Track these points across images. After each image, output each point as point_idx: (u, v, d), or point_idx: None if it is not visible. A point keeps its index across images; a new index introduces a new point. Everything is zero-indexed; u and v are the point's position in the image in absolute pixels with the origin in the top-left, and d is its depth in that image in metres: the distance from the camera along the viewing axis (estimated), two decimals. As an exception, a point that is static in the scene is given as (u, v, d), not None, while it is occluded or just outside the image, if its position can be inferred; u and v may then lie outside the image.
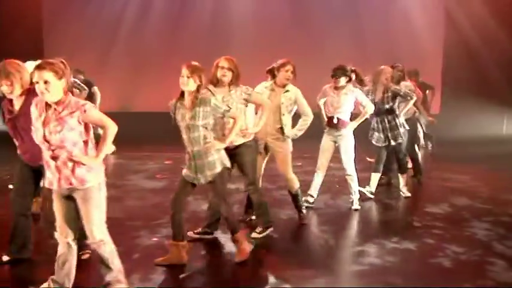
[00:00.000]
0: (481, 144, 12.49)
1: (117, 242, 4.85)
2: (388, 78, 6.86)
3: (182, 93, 4.44)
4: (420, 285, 4.30)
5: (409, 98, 6.92)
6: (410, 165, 8.16)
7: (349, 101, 6.36)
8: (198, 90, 4.38)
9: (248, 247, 4.76)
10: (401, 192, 7.24)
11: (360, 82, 6.52)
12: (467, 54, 13.49)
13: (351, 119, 6.50)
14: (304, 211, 6.00)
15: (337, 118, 6.34)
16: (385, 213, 6.56)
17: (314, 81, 6.93)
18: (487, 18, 13.20)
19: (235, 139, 4.89)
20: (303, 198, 6.18)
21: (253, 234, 5.33)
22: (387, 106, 6.89)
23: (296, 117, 5.84)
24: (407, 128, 7.22)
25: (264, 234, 5.38)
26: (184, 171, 4.56)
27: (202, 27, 13.64)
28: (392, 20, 13.73)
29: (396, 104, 6.94)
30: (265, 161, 5.83)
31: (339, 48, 12.96)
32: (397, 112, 7.00)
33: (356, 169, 6.61)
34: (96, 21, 13.68)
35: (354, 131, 6.46)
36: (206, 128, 4.42)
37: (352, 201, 6.59)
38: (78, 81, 9.50)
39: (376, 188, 7.20)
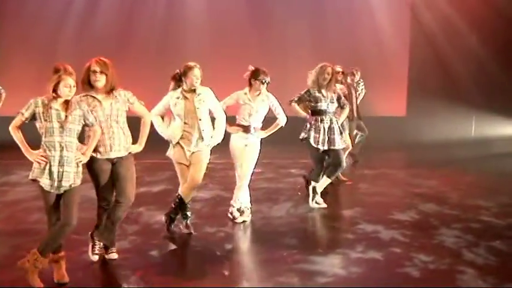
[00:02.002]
0: (449, 148, 12.77)
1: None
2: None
3: (55, 92, 4.38)
4: (387, 296, 4.35)
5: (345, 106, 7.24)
6: None
7: (266, 107, 6.37)
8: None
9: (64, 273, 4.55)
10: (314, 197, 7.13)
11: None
12: (433, 54, 13.78)
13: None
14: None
15: (254, 128, 6.32)
16: (349, 221, 6.61)
17: (274, 84, 6.89)
18: (453, 18, 13.52)
19: (118, 153, 4.87)
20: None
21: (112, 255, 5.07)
22: (334, 108, 7.03)
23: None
24: None
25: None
26: (41, 181, 4.38)
27: (155, 26, 13.47)
28: (357, 20, 13.91)
29: None
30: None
31: (300, 50, 13.07)
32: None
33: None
34: (39, 19, 13.36)
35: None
36: (77, 133, 4.48)
37: (232, 213, 6.42)
38: None
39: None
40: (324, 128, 6.89)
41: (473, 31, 13.53)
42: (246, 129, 6.31)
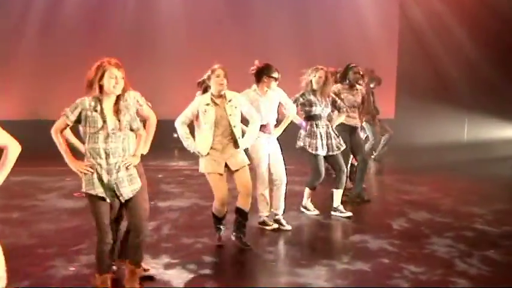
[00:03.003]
0: (441, 151, 12.86)
1: (27, 273, 4.72)
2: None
3: (101, 89, 4.27)
4: (376, 310, 4.37)
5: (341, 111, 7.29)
6: None
7: (277, 101, 6.50)
8: (123, 93, 4.29)
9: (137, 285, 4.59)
10: (337, 212, 7.21)
11: None
12: (423, 53, 13.87)
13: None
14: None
15: (271, 124, 6.45)
16: (335, 231, 6.63)
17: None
18: (444, 15, 13.63)
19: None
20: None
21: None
22: (328, 112, 7.10)
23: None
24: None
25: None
26: (95, 191, 4.28)
27: (124, 24, 13.34)
28: (342, 16, 13.96)
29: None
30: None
31: (283, 47, 13.07)
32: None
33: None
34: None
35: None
36: (126, 137, 4.35)
37: (279, 221, 6.61)
38: None
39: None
40: (320, 133, 6.93)
41: (465, 29, 13.64)
42: (265, 128, 6.36)
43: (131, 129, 4.42)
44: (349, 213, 7.14)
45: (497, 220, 7.03)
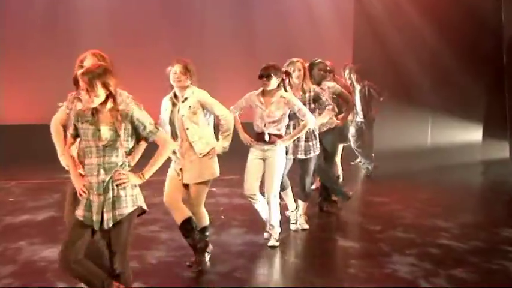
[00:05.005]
0: (402, 158, 12.97)
1: None
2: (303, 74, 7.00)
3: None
4: None
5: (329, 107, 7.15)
6: (314, 186, 8.38)
7: (282, 111, 6.37)
8: (112, 100, 4.05)
9: None
10: (298, 224, 7.23)
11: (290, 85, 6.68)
12: (381, 49, 13.98)
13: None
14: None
15: (269, 134, 6.34)
16: (285, 249, 6.55)
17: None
18: (404, 7, 13.80)
19: None
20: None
21: None
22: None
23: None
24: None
25: None
26: (80, 212, 4.12)
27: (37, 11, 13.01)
28: (292, 9, 14.00)
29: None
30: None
31: (224, 44, 13.00)
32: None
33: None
34: None
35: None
36: (126, 152, 4.14)
37: (270, 236, 6.59)
38: None
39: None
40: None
41: (427, 21, 13.82)
42: (259, 137, 6.37)
43: (144, 139, 4.27)
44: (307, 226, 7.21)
45: (465, 234, 7.12)
